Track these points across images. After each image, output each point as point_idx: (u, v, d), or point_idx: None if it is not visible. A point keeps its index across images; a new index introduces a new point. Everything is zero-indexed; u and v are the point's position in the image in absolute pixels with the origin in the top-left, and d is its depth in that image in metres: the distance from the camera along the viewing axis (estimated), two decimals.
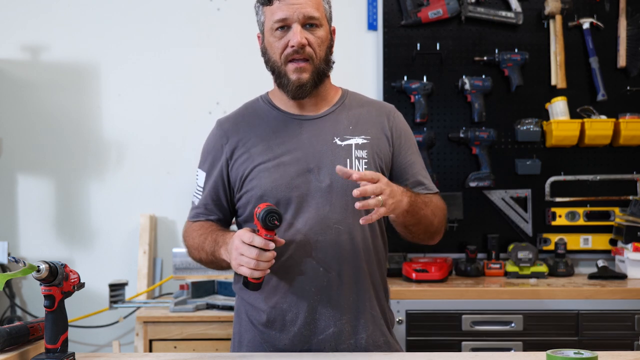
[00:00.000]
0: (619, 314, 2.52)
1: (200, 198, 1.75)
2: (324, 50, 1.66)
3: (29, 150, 3.14)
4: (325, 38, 1.66)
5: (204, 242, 1.66)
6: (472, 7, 3.03)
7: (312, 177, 1.64)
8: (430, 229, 1.70)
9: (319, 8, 1.64)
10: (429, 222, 1.67)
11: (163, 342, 2.58)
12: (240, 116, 1.77)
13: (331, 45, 1.70)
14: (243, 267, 1.48)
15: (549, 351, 1.32)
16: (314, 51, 1.64)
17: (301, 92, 1.66)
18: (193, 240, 1.72)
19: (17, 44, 3.13)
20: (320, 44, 1.65)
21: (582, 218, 3.04)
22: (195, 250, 1.70)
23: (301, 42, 1.60)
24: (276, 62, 1.66)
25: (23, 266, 1.30)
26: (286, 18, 1.61)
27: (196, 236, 1.71)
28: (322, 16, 1.66)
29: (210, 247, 1.64)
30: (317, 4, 1.64)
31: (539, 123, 3.02)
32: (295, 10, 1.61)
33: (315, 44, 1.64)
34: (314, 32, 1.64)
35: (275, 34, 1.64)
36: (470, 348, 2.51)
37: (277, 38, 1.64)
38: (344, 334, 1.63)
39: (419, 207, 1.62)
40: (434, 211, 1.68)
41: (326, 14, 1.68)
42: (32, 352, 1.43)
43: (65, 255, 3.09)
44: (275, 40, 1.64)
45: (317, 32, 1.64)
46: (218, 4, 3.16)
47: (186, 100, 3.15)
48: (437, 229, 1.72)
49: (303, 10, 1.61)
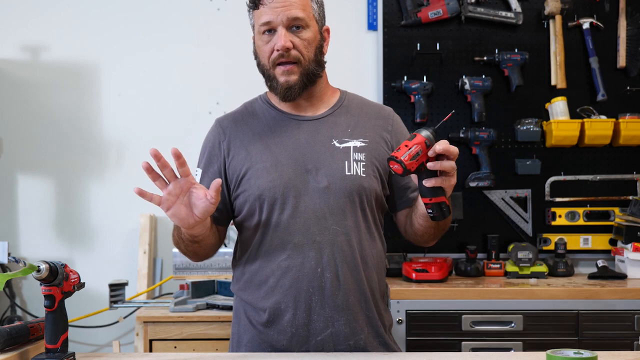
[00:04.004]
0: (619, 313, 2.52)
1: None
2: (312, 51, 1.66)
3: (29, 150, 3.14)
4: (313, 39, 1.66)
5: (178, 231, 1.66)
6: (472, 7, 3.03)
7: (310, 178, 1.64)
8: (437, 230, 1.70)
9: (306, 9, 1.64)
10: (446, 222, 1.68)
11: (163, 342, 2.58)
12: (239, 115, 1.77)
13: (321, 45, 1.70)
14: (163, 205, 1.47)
15: (548, 351, 1.32)
16: (301, 53, 1.64)
17: (290, 94, 1.66)
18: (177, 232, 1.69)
19: (17, 44, 3.13)
20: (307, 45, 1.65)
21: (582, 218, 3.04)
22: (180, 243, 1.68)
23: (285, 46, 1.61)
24: (265, 66, 1.67)
25: (23, 266, 1.30)
26: (270, 21, 1.61)
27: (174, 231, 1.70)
28: (309, 17, 1.65)
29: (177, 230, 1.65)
30: (304, 5, 1.64)
31: (539, 123, 3.02)
32: (279, 14, 1.61)
33: (302, 46, 1.63)
34: (300, 34, 1.63)
35: (263, 38, 1.64)
36: (470, 348, 2.51)
37: (264, 42, 1.64)
38: (341, 335, 1.63)
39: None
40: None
41: (315, 14, 1.67)
42: (32, 352, 1.43)
43: (65, 255, 3.09)
44: (263, 44, 1.65)
45: (303, 34, 1.64)
46: (218, 4, 3.16)
47: (186, 100, 3.15)
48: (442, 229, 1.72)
49: (287, 12, 1.61)
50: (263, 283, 1.66)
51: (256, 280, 1.67)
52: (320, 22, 1.70)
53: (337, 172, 1.65)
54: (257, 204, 1.65)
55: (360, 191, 1.65)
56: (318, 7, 1.69)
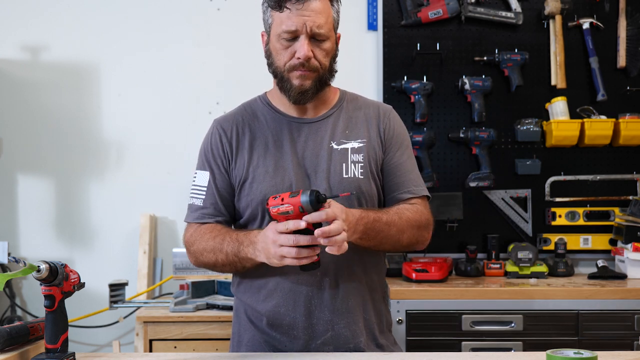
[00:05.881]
0: (619, 313, 2.52)
1: (206, 197, 1.70)
2: (329, 61, 1.66)
3: (29, 150, 3.14)
4: (331, 49, 1.66)
5: (222, 244, 1.62)
6: (472, 7, 3.03)
7: (311, 182, 1.65)
8: (398, 246, 1.67)
9: (328, 20, 1.63)
10: (394, 241, 1.64)
11: (163, 342, 2.58)
12: (239, 116, 1.76)
13: (336, 55, 1.70)
14: (287, 258, 1.46)
15: (548, 351, 1.32)
16: (320, 63, 1.63)
17: (303, 98, 1.66)
18: (206, 242, 1.65)
19: (17, 44, 3.13)
20: (326, 55, 1.64)
21: (582, 218, 3.04)
22: (211, 252, 1.64)
23: (308, 56, 1.60)
24: (279, 68, 1.65)
25: (23, 266, 1.30)
26: (295, 30, 1.59)
27: (209, 238, 1.65)
28: (330, 28, 1.64)
29: (232, 247, 1.60)
30: (327, 16, 1.62)
31: (539, 123, 3.02)
32: (304, 22, 1.59)
33: (321, 55, 1.63)
34: (321, 45, 1.63)
35: (282, 42, 1.62)
36: (470, 348, 2.51)
37: (283, 46, 1.62)
38: (342, 338, 1.63)
39: (377, 230, 1.59)
40: (401, 229, 1.63)
41: (334, 24, 1.67)
42: (32, 352, 1.43)
43: (65, 255, 3.09)
44: (281, 48, 1.63)
45: (324, 45, 1.63)
46: (218, 4, 3.16)
47: (186, 100, 3.15)
48: (408, 245, 1.69)
49: (312, 23, 1.59)
50: (263, 286, 1.66)
51: (256, 284, 1.67)
52: (336, 31, 1.70)
53: (335, 174, 1.65)
54: (259, 208, 1.65)
55: (359, 193, 1.65)
56: (337, 16, 1.69)
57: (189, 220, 1.74)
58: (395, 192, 1.72)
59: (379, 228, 1.59)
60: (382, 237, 1.61)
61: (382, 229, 1.60)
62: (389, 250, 1.71)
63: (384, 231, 1.60)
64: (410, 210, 1.67)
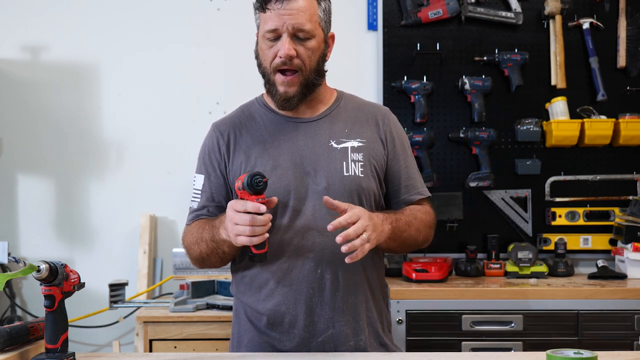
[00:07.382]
0: (619, 313, 2.52)
1: (200, 201, 1.73)
2: (315, 61, 1.65)
3: (29, 150, 3.14)
4: (316, 48, 1.64)
5: (202, 232, 1.64)
6: (472, 7, 3.03)
7: (309, 180, 1.65)
8: (414, 246, 1.73)
9: (312, 18, 1.62)
10: (412, 241, 1.70)
11: (163, 342, 2.58)
12: (237, 118, 1.77)
13: (324, 54, 1.69)
14: (241, 236, 1.47)
15: (548, 351, 1.32)
16: (303, 62, 1.63)
17: (288, 105, 1.67)
18: (192, 235, 1.69)
19: (17, 44, 3.13)
20: (311, 55, 1.63)
21: (582, 218, 3.04)
22: (195, 244, 1.67)
23: (289, 54, 1.60)
24: (266, 69, 1.66)
25: (23, 266, 1.30)
26: (276, 29, 1.60)
27: (194, 231, 1.68)
28: (315, 26, 1.63)
29: (209, 233, 1.62)
30: (311, 14, 1.62)
31: (539, 123, 3.02)
32: (285, 21, 1.59)
33: (305, 55, 1.62)
34: (305, 43, 1.62)
35: (266, 42, 1.63)
36: (470, 348, 2.51)
37: (267, 46, 1.63)
38: (342, 336, 1.63)
39: (401, 230, 1.64)
40: (418, 228, 1.69)
41: (321, 23, 1.65)
42: (32, 352, 1.43)
43: (65, 255, 3.09)
44: (266, 48, 1.64)
45: (309, 44, 1.63)
46: (218, 4, 3.16)
47: (186, 100, 3.15)
48: (421, 243, 1.75)
49: (293, 21, 1.59)
50: (263, 285, 1.66)
51: (256, 283, 1.67)
52: (325, 29, 1.68)
53: (335, 172, 1.65)
54: None
55: (359, 191, 1.65)
56: (325, 14, 1.67)
57: (186, 222, 1.77)
58: (406, 195, 1.75)
59: (402, 228, 1.64)
60: (405, 237, 1.66)
61: (404, 228, 1.65)
62: (408, 250, 1.76)
63: (406, 231, 1.65)
64: (420, 210, 1.73)
